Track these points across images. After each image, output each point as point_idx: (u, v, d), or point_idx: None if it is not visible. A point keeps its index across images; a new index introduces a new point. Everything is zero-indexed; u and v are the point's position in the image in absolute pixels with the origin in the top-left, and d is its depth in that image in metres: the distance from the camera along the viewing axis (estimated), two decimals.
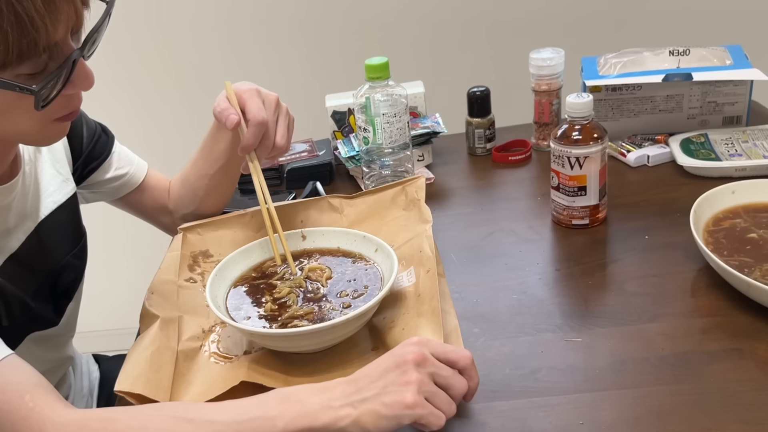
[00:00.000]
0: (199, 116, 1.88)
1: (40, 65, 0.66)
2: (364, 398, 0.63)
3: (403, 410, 0.62)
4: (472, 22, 1.75)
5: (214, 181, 1.01)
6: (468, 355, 0.68)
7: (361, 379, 0.65)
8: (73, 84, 0.69)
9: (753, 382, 0.70)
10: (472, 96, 1.24)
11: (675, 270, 0.88)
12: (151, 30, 1.78)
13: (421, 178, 1.01)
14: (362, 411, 0.62)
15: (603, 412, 0.69)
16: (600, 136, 0.95)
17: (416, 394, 0.63)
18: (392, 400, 0.62)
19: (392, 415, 0.62)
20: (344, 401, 0.63)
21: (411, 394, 0.62)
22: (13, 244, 0.83)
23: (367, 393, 0.63)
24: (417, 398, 0.62)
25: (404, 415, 0.62)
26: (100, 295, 1.75)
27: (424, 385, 0.64)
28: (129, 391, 0.72)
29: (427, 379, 0.64)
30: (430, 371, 0.65)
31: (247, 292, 0.85)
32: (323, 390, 0.65)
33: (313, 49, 1.79)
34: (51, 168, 0.91)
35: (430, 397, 0.64)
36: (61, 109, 0.72)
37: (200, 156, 1.02)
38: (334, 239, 0.93)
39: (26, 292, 0.84)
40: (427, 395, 0.64)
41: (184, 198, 1.05)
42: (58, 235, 0.90)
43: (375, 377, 0.65)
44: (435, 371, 0.65)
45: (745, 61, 1.17)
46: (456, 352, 0.67)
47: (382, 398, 0.63)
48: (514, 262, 0.95)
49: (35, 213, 0.87)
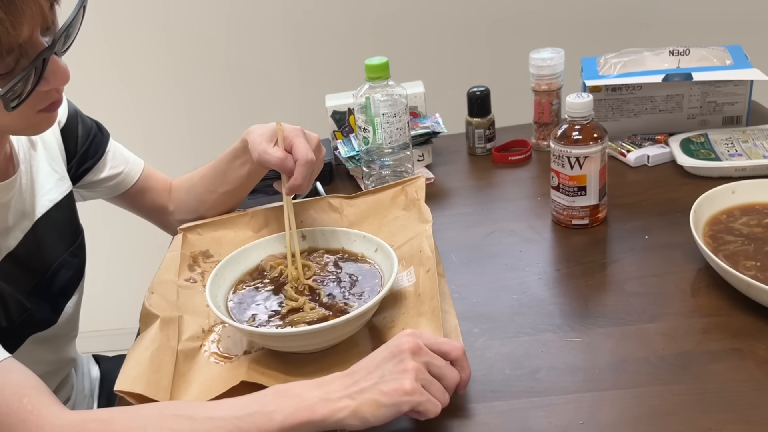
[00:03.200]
0: (199, 115, 1.88)
1: (8, 66, 0.65)
2: (362, 389, 0.64)
3: (402, 397, 0.63)
4: (472, 22, 1.75)
5: (221, 198, 1.03)
6: (460, 347, 0.69)
7: (358, 372, 0.66)
8: (46, 81, 0.68)
9: (753, 382, 0.70)
10: (472, 96, 1.24)
11: (675, 270, 0.88)
12: (151, 30, 1.78)
13: (421, 178, 1.01)
14: (361, 401, 0.63)
15: (603, 412, 0.69)
16: (600, 136, 0.95)
17: (414, 381, 0.64)
18: (391, 388, 0.63)
19: (391, 402, 0.63)
20: (342, 393, 0.64)
21: (409, 381, 0.63)
22: (10, 242, 0.83)
23: (365, 384, 0.64)
24: (415, 385, 0.64)
25: (403, 402, 0.63)
26: (100, 295, 1.75)
27: (421, 373, 0.65)
28: (129, 391, 0.72)
29: (422, 367, 0.65)
30: (425, 360, 0.66)
31: (253, 292, 0.86)
32: (320, 384, 0.66)
33: (313, 49, 1.79)
34: (47, 166, 0.91)
35: (426, 385, 0.65)
36: (40, 103, 0.72)
37: (212, 173, 1.03)
38: (334, 239, 0.93)
39: (23, 290, 0.84)
40: (423, 383, 0.65)
41: (189, 204, 1.05)
42: (54, 233, 0.90)
43: (372, 368, 0.66)
44: (429, 360, 0.66)
45: (745, 61, 1.17)
46: (448, 344, 0.69)
47: (380, 387, 0.64)
48: (514, 262, 0.95)
49: (32, 211, 0.87)
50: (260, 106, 1.86)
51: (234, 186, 1.01)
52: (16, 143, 0.86)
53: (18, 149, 0.86)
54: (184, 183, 1.07)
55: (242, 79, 1.83)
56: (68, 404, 0.98)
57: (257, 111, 1.86)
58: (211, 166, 1.03)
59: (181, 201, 1.06)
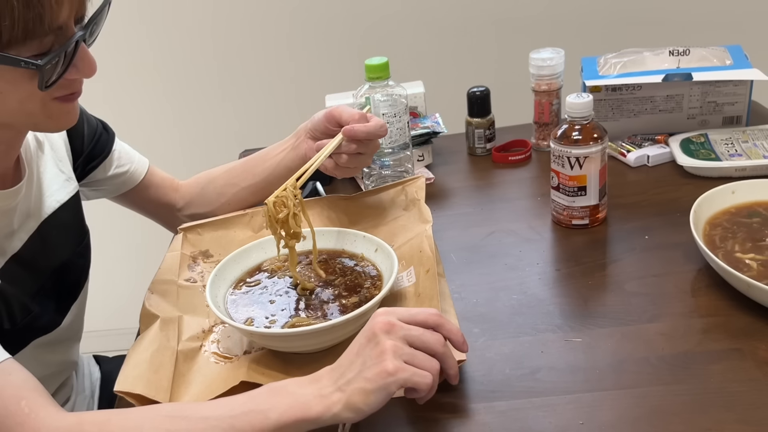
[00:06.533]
0: (198, 115, 1.88)
1: (45, 46, 0.66)
2: (348, 380, 0.64)
3: (387, 378, 0.63)
4: (473, 22, 1.75)
5: (241, 194, 1.03)
6: (434, 312, 0.69)
7: (343, 363, 0.66)
8: (76, 68, 0.70)
9: (753, 382, 0.70)
10: (472, 96, 1.24)
11: (675, 270, 0.88)
12: (151, 28, 1.78)
13: (421, 178, 1.01)
14: (350, 392, 0.63)
15: (603, 412, 0.69)
16: (600, 136, 0.95)
17: (394, 359, 0.64)
18: (373, 373, 0.63)
19: (378, 387, 0.63)
20: (333, 387, 0.65)
21: (389, 361, 0.64)
22: (15, 244, 0.82)
23: (350, 374, 0.65)
24: (396, 363, 0.64)
25: (389, 383, 0.63)
26: (100, 296, 1.74)
27: (399, 349, 0.65)
28: (129, 392, 0.72)
29: (400, 343, 0.65)
30: (401, 335, 0.66)
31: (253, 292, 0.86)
32: (312, 381, 0.66)
33: (313, 49, 1.79)
34: (54, 167, 0.91)
35: (410, 359, 0.65)
36: (62, 89, 0.72)
37: (241, 166, 1.05)
38: (334, 239, 0.93)
39: (28, 292, 0.83)
40: (405, 358, 0.65)
41: (205, 198, 1.06)
42: (60, 234, 0.89)
43: (353, 357, 0.66)
44: (405, 334, 0.66)
45: (745, 61, 1.17)
46: (422, 313, 0.69)
47: (364, 374, 0.64)
48: (514, 262, 0.95)
49: (38, 212, 0.86)
50: (260, 107, 1.86)
51: (259, 179, 1.01)
52: (24, 150, 0.85)
53: (25, 153, 0.86)
54: (202, 177, 1.08)
55: (242, 78, 1.83)
56: (68, 405, 0.98)
57: (257, 111, 1.86)
58: (243, 160, 1.06)
59: (195, 195, 1.07)
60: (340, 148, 0.92)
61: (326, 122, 0.95)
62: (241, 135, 1.86)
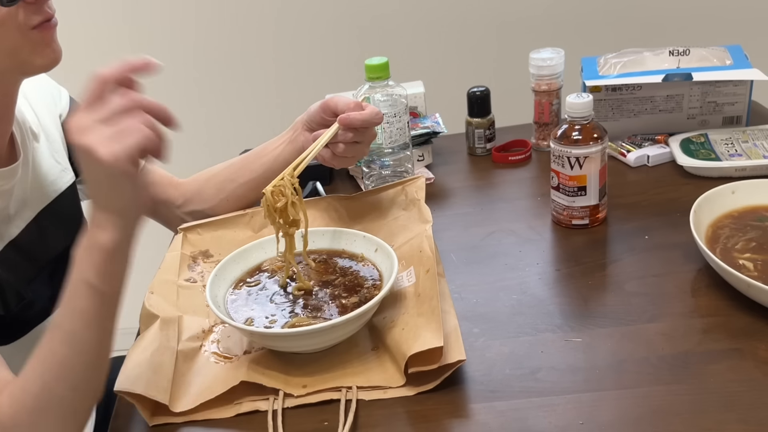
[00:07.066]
0: (198, 116, 1.88)
1: None
2: (95, 195, 0.65)
3: (112, 161, 0.61)
4: (473, 22, 1.76)
5: (240, 190, 1.03)
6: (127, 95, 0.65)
7: (91, 193, 0.66)
8: None
9: (753, 382, 0.70)
10: (472, 96, 1.24)
11: (675, 270, 0.88)
12: (152, 28, 1.78)
13: (421, 178, 1.01)
14: (113, 209, 0.64)
15: (603, 412, 0.69)
16: (600, 136, 0.95)
17: (103, 146, 0.61)
18: (101, 171, 0.62)
19: (110, 174, 0.61)
20: (99, 214, 0.65)
21: (100, 149, 0.61)
22: (12, 230, 0.83)
23: (94, 192, 0.65)
24: (109, 147, 0.61)
25: (113, 163, 0.61)
26: None
27: (101, 133, 0.61)
28: (129, 391, 0.72)
29: (98, 128, 0.62)
30: (95, 118, 0.62)
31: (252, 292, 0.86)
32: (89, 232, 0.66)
33: (313, 49, 1.79)
34: (50, 158, 0.91)
35: (114, 130, 0.62)
36: (32, 15, 0.72)
37: (240, 162, 1.05)
38: (334, 239, 0.92)
39: (24, 279, 0.84)
40: (108, 133, 0.61)
41: (204, 194, 1.06)
42: (58, 223, 0.90)
43: (90, 181, 0.65)
44: (96, 117, 0.62)
45: (745, 61, 1.17)
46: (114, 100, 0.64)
47: (101, 187, 0.64)
48: (514, 262, 0.95)
49: (35, 201, 0.87)
50: (260, 106, 1.86)
51: (257, 174, 1.01)
52: (18, 132, 0.86)
53: (19, 138, 0.86)
54: (203, 174, 1.08)
55: (242, 78, 1.83)
56: None
57: (257, 111, 1.86)
58: (241, 157, 1.06)
59: (194, 192, 1.07)
60: (336, 137, 0.92)
61: (322, 113, 0.95)
62: (241, 135, 1.86)
